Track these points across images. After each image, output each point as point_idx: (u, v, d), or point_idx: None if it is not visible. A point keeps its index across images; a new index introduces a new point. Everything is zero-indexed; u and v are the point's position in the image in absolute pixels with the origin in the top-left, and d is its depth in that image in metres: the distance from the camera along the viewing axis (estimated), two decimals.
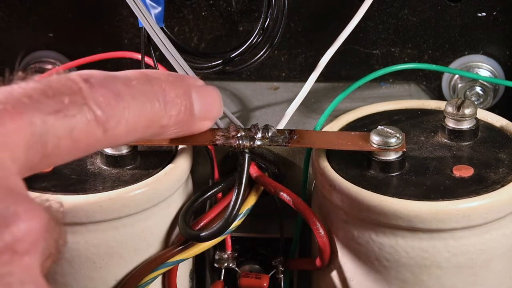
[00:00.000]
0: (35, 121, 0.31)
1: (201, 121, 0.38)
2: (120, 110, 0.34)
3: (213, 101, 0.39)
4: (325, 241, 0.52)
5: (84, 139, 0.33)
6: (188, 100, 0.37)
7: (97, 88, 0.34)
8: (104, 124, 0.33)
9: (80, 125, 0.33)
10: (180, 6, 0.65)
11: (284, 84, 0.68)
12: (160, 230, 0.53)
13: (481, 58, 0.66)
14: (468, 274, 0.50)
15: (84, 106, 0.33)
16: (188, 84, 0.38)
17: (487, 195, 0.49)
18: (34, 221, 0.29)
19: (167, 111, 0.36)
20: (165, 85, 0.36)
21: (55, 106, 0.32)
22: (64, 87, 0.33)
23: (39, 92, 0.32)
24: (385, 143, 0.51)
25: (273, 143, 0.52)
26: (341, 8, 0.65)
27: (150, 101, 0.35)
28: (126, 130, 0.34)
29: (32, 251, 0.29)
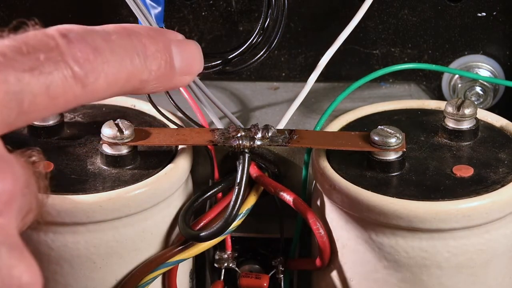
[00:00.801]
0: (9, 79, 0.31)
1: (182, 75, 0.38)
2: (99, 65, 0.33)
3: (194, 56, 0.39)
4: (325, 241, 0.52)
5: (61, 96, 0.32)
6: (168, 55, 0.37)
7: (75, 43, 0.33)
8: (83, 79, 0.33)
9: (57, 82, 0.32)
10: (180, 6, 0.65)
11: (284, 84, 0.68)
12: (160, 230, 0.53)
13: (481, 58, 0.66)
14: (468, 274, 0.50)
15: (61, 62, 0.32)
16: (168, 38, 0.37)
17: (487, 195, 0.49)
18: (7, 180, 0.29)
19: (147, 66, 0.36)
20: (145, 40, 0.36)
21: (30, 63, 0.32)
22: (40, 43, 0.32)
23: (13, 50, 0.32)
24: (385, 143, 0.51)
25: (273, 143, 0.52)
26: (341, 8, 0.65)
27: (129, 56, 0.35)
28: (105, 85, 0.34)
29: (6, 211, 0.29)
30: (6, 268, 0.28)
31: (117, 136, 0.52)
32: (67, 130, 0.56)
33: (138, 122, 0.57)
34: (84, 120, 0.58)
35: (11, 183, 0.29)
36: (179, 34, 0.38)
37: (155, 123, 0.57)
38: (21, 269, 0.29)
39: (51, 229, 0.50)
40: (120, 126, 0.52)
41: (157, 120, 0.58)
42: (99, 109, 0.59)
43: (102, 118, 0.55)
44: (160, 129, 0.54)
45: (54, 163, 0.53)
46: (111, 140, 0.52)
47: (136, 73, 0.35)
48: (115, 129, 0.52)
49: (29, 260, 0.30)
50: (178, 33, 0.38)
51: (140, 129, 0.54)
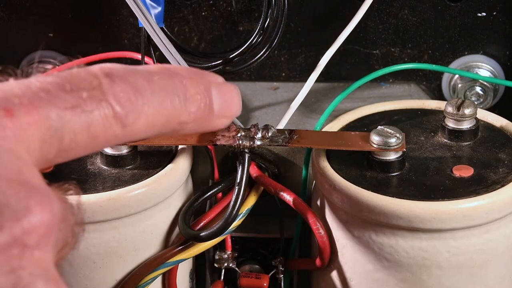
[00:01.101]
0: (51, 116, 0.31)
1: (220, 118, 0.38)
2: (140, 106, 0.34)
3: (233, 99, 0.39)
4: (325, 241, 0.52)
5: (102, 134, 0.33)
6: (208, 97, 0.37)
7: (117, 83, 0.33)
8: (123, 120, 0.33)
9: (98, 121, 0.32)
10: (180, 6, 0.65)
11: (284, 84, 0.68)
12: (160, 230, 0.53)
13: (481, 58, 0.66)
14: (468, 274, 0.50)
15: (103, 101, 0.33)
16: (208, 81, 0.37)
17: (487, 195, 0.49)
18: (46, 214, 0.29)
19: (187, 108, 0.36)
20: (186, 81, 0.36)
21: (73, 101, 0.32)
22: (83, 81, 0.33)
23: (56, 86, 0.32)
24: (385, 143, 0.51)
25: (273, 143, 0.52)
26: (341, 8, 0.65)
27: (170, 97, 0.35)
28: (145, 125, 0.34)
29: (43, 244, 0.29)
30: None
31: None
32: None
33: None
34: None
35: (49, 216, 0.29)
36: (219, 76, 0.39)
37: None
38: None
39: None
40: None
41: None
42: None
43: None
44: None
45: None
46: None
47: (175, 115, 0.36)
48: None
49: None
50: (218, 76, 0.38)
51: None
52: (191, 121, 0.36)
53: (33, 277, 0.29)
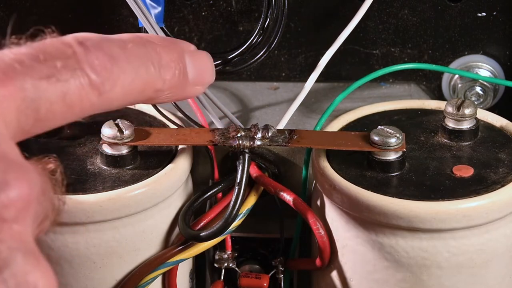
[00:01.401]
0: (26, 87, 0.31)
1: (194, 86, 0.38)
2: (115, 74, 0.34)
3: (206, 66, 0.39)
4: (325, 241, 0.52)
5: (78, 103, 0.33)
6: (182, 64, 0.37)
7: (92, 51, 0.33)
8: (99, 88, 0.33)
9: (73, 90, 0.32)
10: (180, 6, 0.65)
11: (284, 84, 0.68)
12: (160, 230, 0.53)
13: (481, 58, 0.66)
14: (468, 274, 0.50)
15: (78, 70, 0.33)
16: (181, 48, 0.38)
17: (487, 195, 0.49)
18: (23, 188, 0.29)
19: (162, 75, 0.36)
20: (159, 49, 0.36)
21: (47, 70, 0.32)
22: (57, 50, 0.33)
23: (30, 57, 0.32)
24: (385, 143, 0.51)
25: (273, 143, 0.52)
26: (341, 8, 0.65)
27: (145, 65, 0.35)
28: (121, 93, 0.34)
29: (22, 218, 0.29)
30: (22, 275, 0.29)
31: (117, 136, 0.52)
32: (67, 130, 0.56)
33: (138, 122, 0.57)
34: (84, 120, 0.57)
35: (27, 189, 0.29)
36: (191, 44, 0.39)
37: (155, 123, 0.57)
38: (37, 275, 0.29)
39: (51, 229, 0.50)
40: (120, 126, 0.52)
41: (157, 120, 0.58)
42: None
43: (102, 118, 0.55)
44: (160, 129, 0.54)
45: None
46: (111, 140, 0.52)
47: (151, 82, 0.35)
48: (115, 129, 0.52)
49: (45, 266, 0.30)
50: (190, 44, 0.38)
51: (140, 129, 0.54)
52: (167, 89, 0.36)
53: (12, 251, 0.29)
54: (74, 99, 0.32)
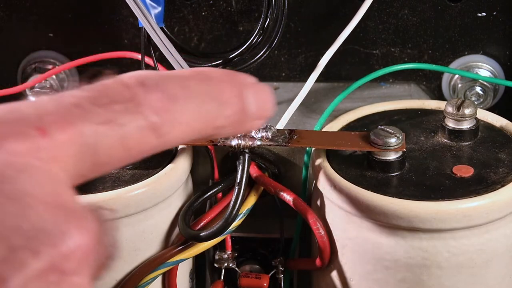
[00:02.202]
0: (85, 132, 0.30)
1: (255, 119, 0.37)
2: (175, 114, 0.33)
3: (267, 99, 0.38)
4: (325, 241, 0.52)
5: (136, 146, 0.32)
6: (242, 99, 0.36)
7: (152, 92, 0.32)
8: (158, 130, 0.32)
9: (132, 133, 0.31)
10: (180, 6, 0.65)
11: (284, 84, 0.68)
12: (160, 230, 0.53)
13: (481, 58, 0.66)
14: (468, 274, 0.50)
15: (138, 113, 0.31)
16: (241, 83, 0.36)
17: (487, 195, 0.49)
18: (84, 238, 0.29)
19: (222, 112, 0.35)
20: (220, 85, 0.35)
21: (106, 115, 0.31)
22: (116, 93, 0.32)
23: (89, 101, 0.31)
24: (385, 143, 0.51)
25: (273, 143, 0.52)
26: (341, 8, 0.65)
27: (205, 103, 0.34)
28: (180, 133, 0.33)
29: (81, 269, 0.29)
30: None
31: None
32: None
33: None
34: None
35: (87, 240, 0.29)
36: (251, 76, 0.38)
37: None
38: None
39: None
40: None
41: None
42: None
43: None
44: None
45: None
46: None
47: (211, 120, 0.34)
48: None
49: None
50: (250, 76, 0.37)
51: None
52: (227, 126, 0.35)
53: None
54: (132, 143, 0.32)
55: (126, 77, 0.32)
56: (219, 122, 0.35)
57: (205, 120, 0.34)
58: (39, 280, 0.27)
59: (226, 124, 0.35)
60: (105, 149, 0.31)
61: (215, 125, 0.35)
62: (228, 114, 0.35)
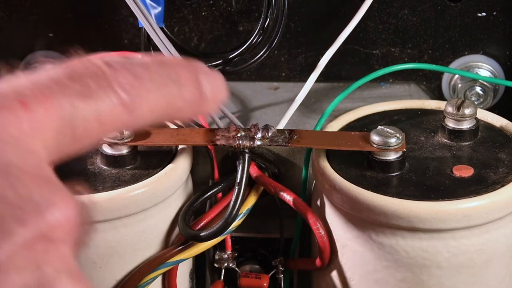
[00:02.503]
0: (64, 105, 0.32)
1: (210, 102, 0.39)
2: (142, 92, 0.35)
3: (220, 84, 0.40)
4: (325, 241, 0.52)
5: (110, 121, 0.34)
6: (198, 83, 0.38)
7: (120, 71, 0.34)
8: (129, 106, 0.34)
9: (106, 108, 0.33)
10: (180, 6, 0.65)
11: (284, 84, 0.68)
12: (160, 230, 0.53)
13: (481, 58, 0.66)
14: (468, 274, 0.50)
15: (109, 89, 0.33)
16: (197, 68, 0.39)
17: (487, 195, 0.49)
18: (70, 210, 0.30)
19: (182, 94, 0.37)
20: (178, 68, 0.37)
21: (82, 89, 0.33)
22: (88, 71, 0.33)
23: (65, 77, 0.33)
24: (385, 143, 0.51)
25: (273, 143, 0.52)
26: (341, 8, 0.65)
27: (167, 84, 0.36)
28: (148, 111, 0.35)
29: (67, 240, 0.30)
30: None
31: (117, 136, 0.52)
32: None
33: None
34: None
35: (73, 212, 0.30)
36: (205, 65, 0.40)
37: None
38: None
39: None
40: None
41: None
42: None
43: None
44: (160, 129, 0.54)
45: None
46: (111, 140, 0.52)
47: (173, 101, 0.37)
48: None
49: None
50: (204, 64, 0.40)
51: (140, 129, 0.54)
52: (187, 107, 0.37)
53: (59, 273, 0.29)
54: (107, 117, 0.33)
55: (93, 57, 0.34)
56: (179, 103, 0.37)
57: (168, 100, 0.36)
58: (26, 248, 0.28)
59: (185, 106, 0.37)
60: (82, 123, 0.32)
61: (177, 106, 0.37)
62: (186, 96, 0.37)
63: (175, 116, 0.38)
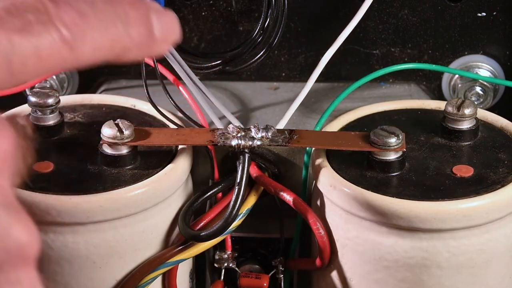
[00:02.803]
0: (1, 40, 0.31)
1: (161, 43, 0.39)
2: (85, 30, 0.34)
3: (172, 24, 0.40)
4: (325, 241, 0.52)
5: (50, 58, 0.33)
6: (148, 22, 0.38)
7: (62, 7, 0.34)
8: (70, 43, 0.33)
9: (46, 44, 0.33)
10: (180, 6, 0.65)
11: (284, 84, 0.68)
12: (160, 230, 0.53)
13: (481, 58, 0.66)
14: (468, 274, 0.50)
15: (50, 24, 0.33)
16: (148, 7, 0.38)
17: (487, 195, 0.49)
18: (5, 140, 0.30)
19: (129, 32, 0.36)
20: (126, 7, 0.37)
21: (20, 24, 0.32)
22: (28, 5, 0.33)
23: (3, 10, 0.32)
24: (385, 143, 0.51)
25: (273, 143, 0.52)
26: (341, 8, 0.65)
27: (113, 22, 0.36)
28: (91, 49, 0.35)
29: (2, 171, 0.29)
30: (4, 229, 0.29)
31: (117, 136, 0.52)
32: (67, 130, 0.56)
33: (138, 122, 0.57)
34: (84, 120, 0.58)
35: (8, 142, 0.30)
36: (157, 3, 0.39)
37: (155, 123, 0.57)
38: (19, 229, 0.29)
39: (51, 229, 0.50)
40: (120, 126, 0.52)
41: (157, 120, 0.58)
42: (99, 109, 0.59)
43: (102, 118, 0.55)
44: (160, 129, 0.54)
45: (54, 163, 0.53)
46: (111, 140, 0.52)
47: (119, 39, 0.36)
48: (115, 129, 0.52)
49: (27, 220, 0.30)
50: (156, 3, 0.39)
51: (140, 129, 0.54)
52: (134, 46, 0.37)
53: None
54: (46, 53, 0.33)
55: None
56: (125, 41, 0.36)
57: (113, 38, 0.36)
58: None
59: (133, 45, 0.37)
60: (20, 58, 0.32)
61: (123, 45, 0.36)
62: (133, 35, 0.36)
63: (122, 56, 0.37)
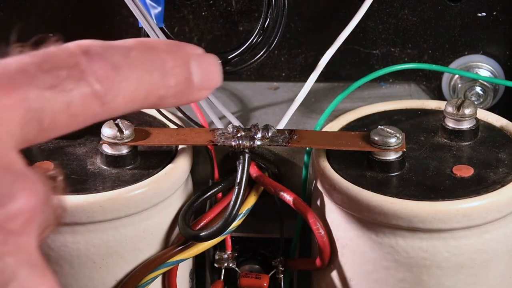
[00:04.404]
0: (30, 97, 0.31)
1: (200, 91, 0.38)
2: (118, 83, 0.34)
3: (213, 70, 0.39)
4: (325, 241, 0.52)
5: (81, 113, 0.33)
6: (187, 70, 0.37)
7: (95, 61, 0.33)
8: (102, 98, 0.33)
9: (77, 100, 0.32)
10: (180, 6, 0.65)
11: (284, 84, 0.68)
12: (160, 230, 0.53)
13: (481, 58, 0.66)
14: (468, 274, 0.50)
15: (82, 80, 0.32)
16: (187, 53, 0.37)
17: (487, 195, 0.49)
18: (30, 199, 0.29)
19: (165, 82, 0.36)
20: (164, 55, 0.36)
21: (51, 80, 0.32)
22: (60, 60, 0.33)
23: (34, 66, 0.32)
24: (385, 143, 0.51)
25: (273, 143, 0.52)
26: (341, 8, 0.65)
27: (148, 72, 0.35)
28: (123, 102, 0.34)
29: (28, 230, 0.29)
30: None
31: (117, 136, 0.52)
32: None
33: (138, 122, 0.57)
34: None
35: (33, 200, 0.29)
36: (198, 47, 0.38)
37: (155, 123, 0.57)
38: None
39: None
40: (120, 126, 0.52)
41: (157, 120, 0.58)
42: None
43: None
44: (160, 129, 0.54)
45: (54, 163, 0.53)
46: (111, 140, 0.52)
47: (154, 90, 0.35)
48: (115, 129, 0.52)
49: (51, 279, 0.30)
50: (197, 47, 0.38)
51: (140, 129, 0.54)
52: (171, 95, 0.36)
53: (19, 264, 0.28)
54: (77, 109, 0.32)
55: (70, 45, 0.34)
56: (162, 92, 0.36)
57: (148, 89, 0.35)
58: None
59: (169, 94, 0.36)
60: (50, 115, 0.32)
61: (159, 95, 0.36)
62: (171, 84, 0.36)
63: (157, 105, 0.37)
